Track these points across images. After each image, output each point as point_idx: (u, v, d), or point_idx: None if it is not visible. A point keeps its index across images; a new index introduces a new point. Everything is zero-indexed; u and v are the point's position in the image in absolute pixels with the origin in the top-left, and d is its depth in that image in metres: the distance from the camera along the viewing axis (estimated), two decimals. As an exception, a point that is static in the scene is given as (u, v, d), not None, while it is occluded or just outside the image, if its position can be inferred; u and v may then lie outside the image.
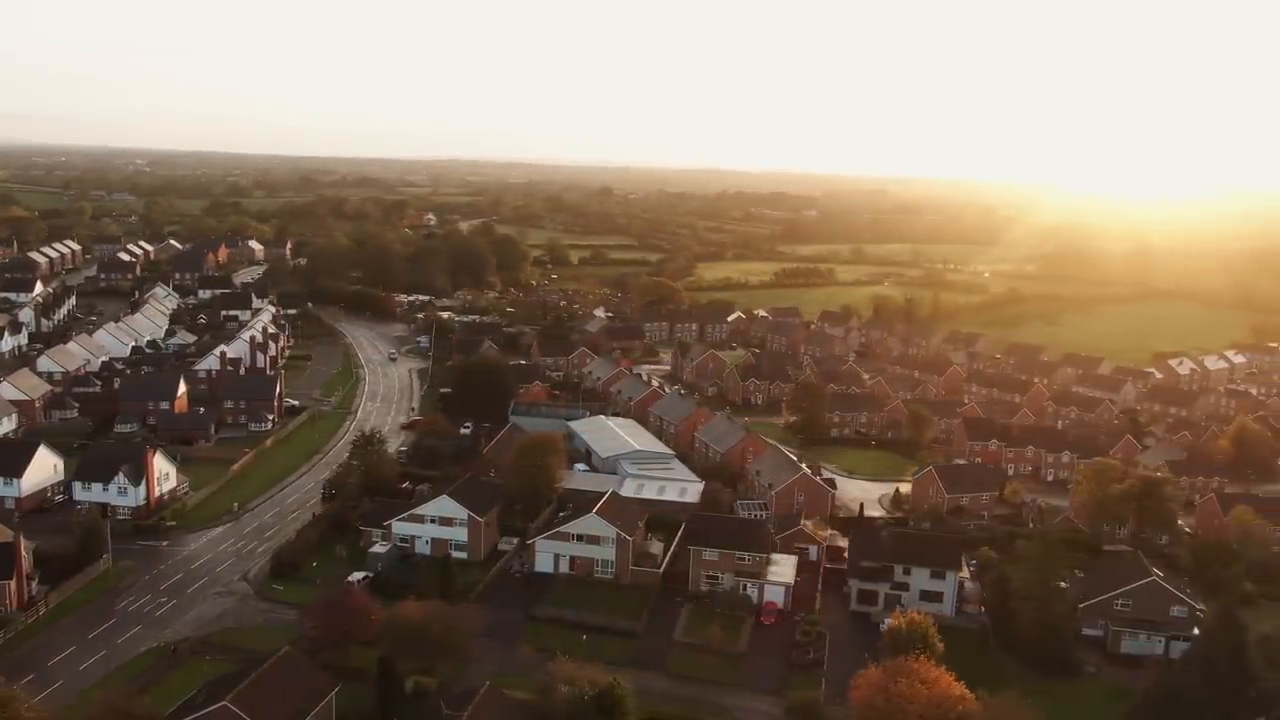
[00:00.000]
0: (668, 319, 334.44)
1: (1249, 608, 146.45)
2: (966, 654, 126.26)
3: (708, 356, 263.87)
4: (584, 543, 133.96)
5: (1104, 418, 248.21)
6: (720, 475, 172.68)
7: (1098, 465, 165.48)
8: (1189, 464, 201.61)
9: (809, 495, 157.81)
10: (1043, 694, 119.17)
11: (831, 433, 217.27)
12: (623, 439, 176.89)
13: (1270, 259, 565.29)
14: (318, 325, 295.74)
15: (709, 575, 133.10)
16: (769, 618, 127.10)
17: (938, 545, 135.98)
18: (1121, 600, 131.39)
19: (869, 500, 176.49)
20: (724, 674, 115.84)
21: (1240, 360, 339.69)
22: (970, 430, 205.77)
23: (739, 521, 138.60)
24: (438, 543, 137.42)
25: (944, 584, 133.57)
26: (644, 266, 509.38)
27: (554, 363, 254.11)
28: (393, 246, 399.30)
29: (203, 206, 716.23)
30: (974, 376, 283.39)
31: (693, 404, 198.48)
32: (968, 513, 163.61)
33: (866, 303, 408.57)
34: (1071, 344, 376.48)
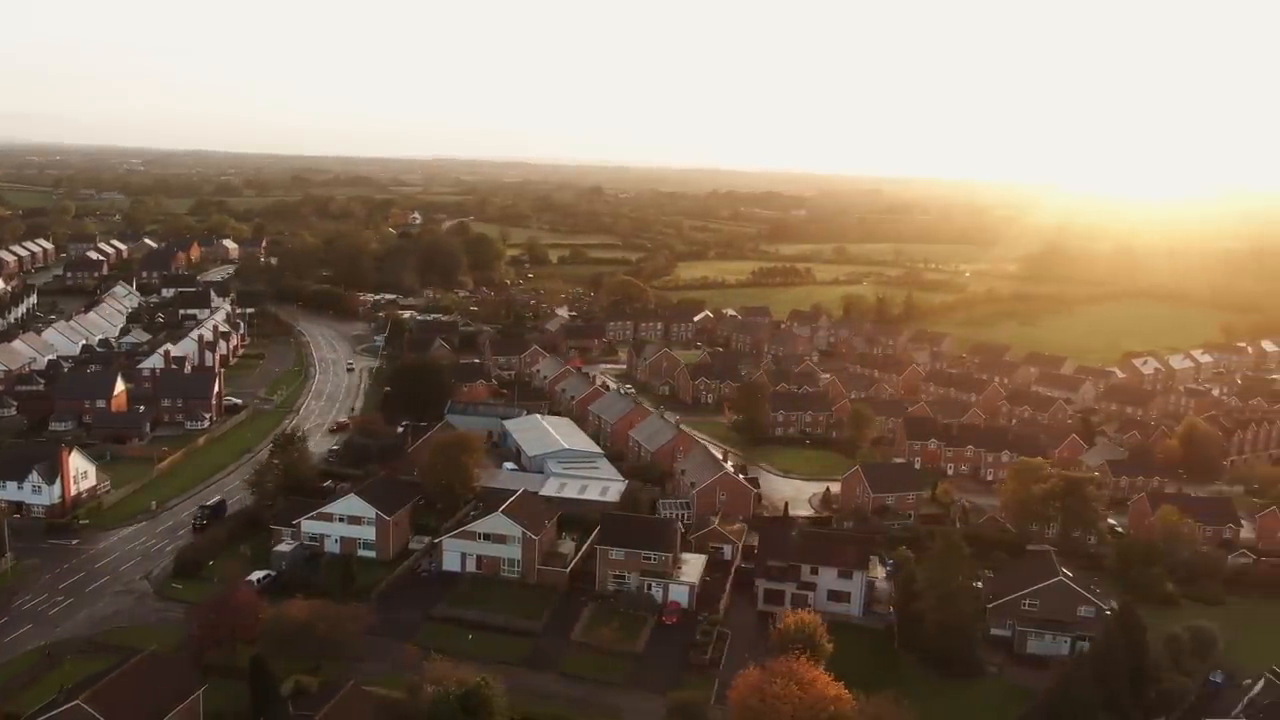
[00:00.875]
0: (632, 318, 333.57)
1: (1169, 608, 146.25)
2: (870, 654, 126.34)
3: (661, 355, 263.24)
4: (490, 542, 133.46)
5: (1057, 417, 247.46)
6: (649, 474, 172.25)
7: (1022, 465, 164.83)
8: (1129, 463, 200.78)
9: (731, 494, 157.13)
10: (940, 695, 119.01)
11: (776, 432, 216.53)
12: (552, 438, 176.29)
13: (1252, 259, 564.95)
14: (275, 324, 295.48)
15: (616, 575, 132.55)
16: (671, 617, 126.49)
17: (846, 545, 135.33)
18: (1029, 600, 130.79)
19: (800, 500, 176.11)
20: (617, 674, 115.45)
21: (1207, 360, 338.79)
22: (910, 430, 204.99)
23: (646, 521, 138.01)
24: (346, 541, 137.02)
25: (851, 584, 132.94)
26: (623, 265, 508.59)
27: (506, 361, 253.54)
28: (363, 246, 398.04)
29: (189, 205, 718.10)
30: (932, 376, 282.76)
31: (629, 403, 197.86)
32: (893, 512, 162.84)
33: (840, 302, 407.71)
34: (1043, 344, 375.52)
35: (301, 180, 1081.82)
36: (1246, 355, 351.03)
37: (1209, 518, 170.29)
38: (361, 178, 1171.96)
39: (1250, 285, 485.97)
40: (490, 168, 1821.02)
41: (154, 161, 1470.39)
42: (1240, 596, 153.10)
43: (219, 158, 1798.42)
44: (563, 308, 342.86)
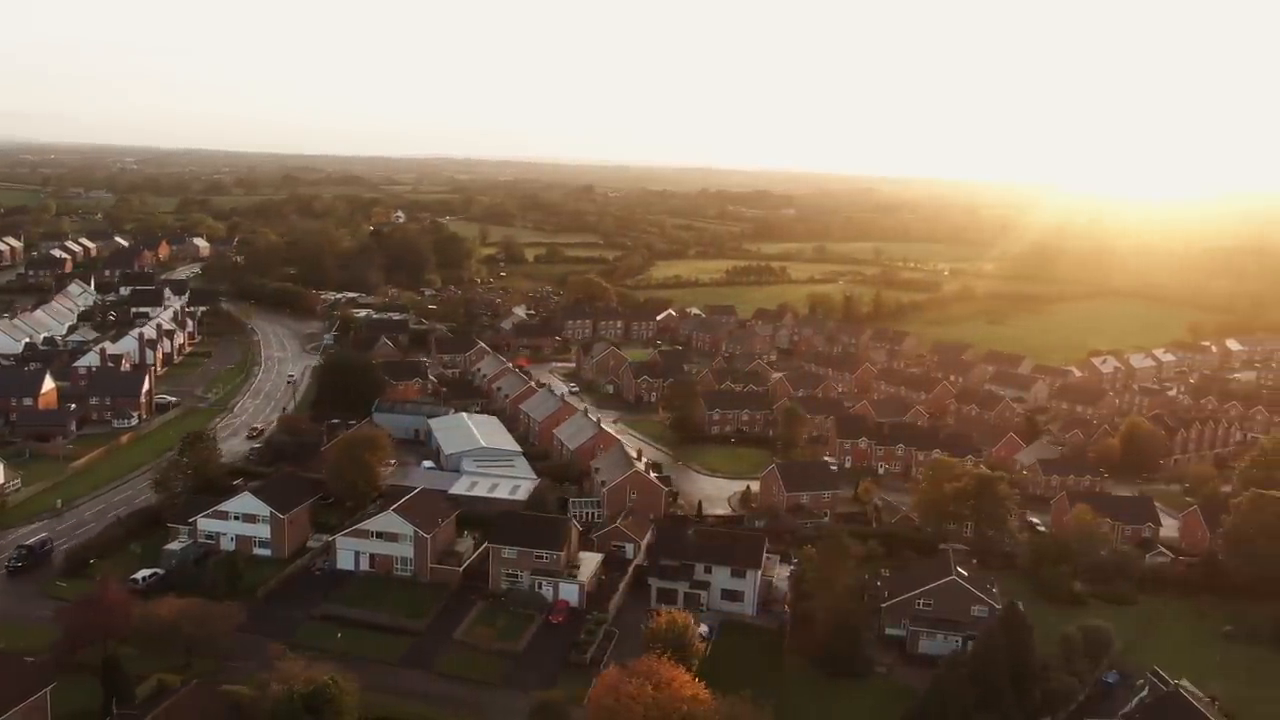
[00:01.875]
0: (591, 317, 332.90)
1: (1076, 607, 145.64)
2: (758, 654, 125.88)
3: (608, 354, 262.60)
4: (383, 540, 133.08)
5: (1004, 415, 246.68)
6: (568, 473, 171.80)
7: (935, 463, 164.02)
8: (1060, 462, 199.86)
9: (642, 493, 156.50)
10: (825, 694, 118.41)
11: (713, 430, 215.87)
12: (472, 437, 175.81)
13: (1230, 259, 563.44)
14: (228, 322, 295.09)
15: (509, 574, 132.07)
16: (558, 617, 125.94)
17: (740, 544, 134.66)
18: (923, 599, 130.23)
19: (721, 498, 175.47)
20: (494, 673, 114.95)
21: (1170, 359, 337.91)
22: (841, 428, 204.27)
23: (539, 519, 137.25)
24: (242, 540, 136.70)
25: (744, 583, 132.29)
26: (599, 264, 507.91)
27: (450, 360, 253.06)
28: (327, 245, 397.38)
29: (174, 204, 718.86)
30: (884, 374, 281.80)
31: (557, 402, 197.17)
32: (807, 511, 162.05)
33: (810, 301, 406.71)
34: (1010, 342, 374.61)
35: (292, 179, 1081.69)
36: (1210, 354, 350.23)
37: (1129, 517, 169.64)
38: (354, 177, 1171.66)
39: (1225, 285, 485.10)
40: (486, 167, 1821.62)
41: (150, 160, 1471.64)
42: (1153, 596, 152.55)
43: (216, 157, 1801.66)
44: (520, 306, 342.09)
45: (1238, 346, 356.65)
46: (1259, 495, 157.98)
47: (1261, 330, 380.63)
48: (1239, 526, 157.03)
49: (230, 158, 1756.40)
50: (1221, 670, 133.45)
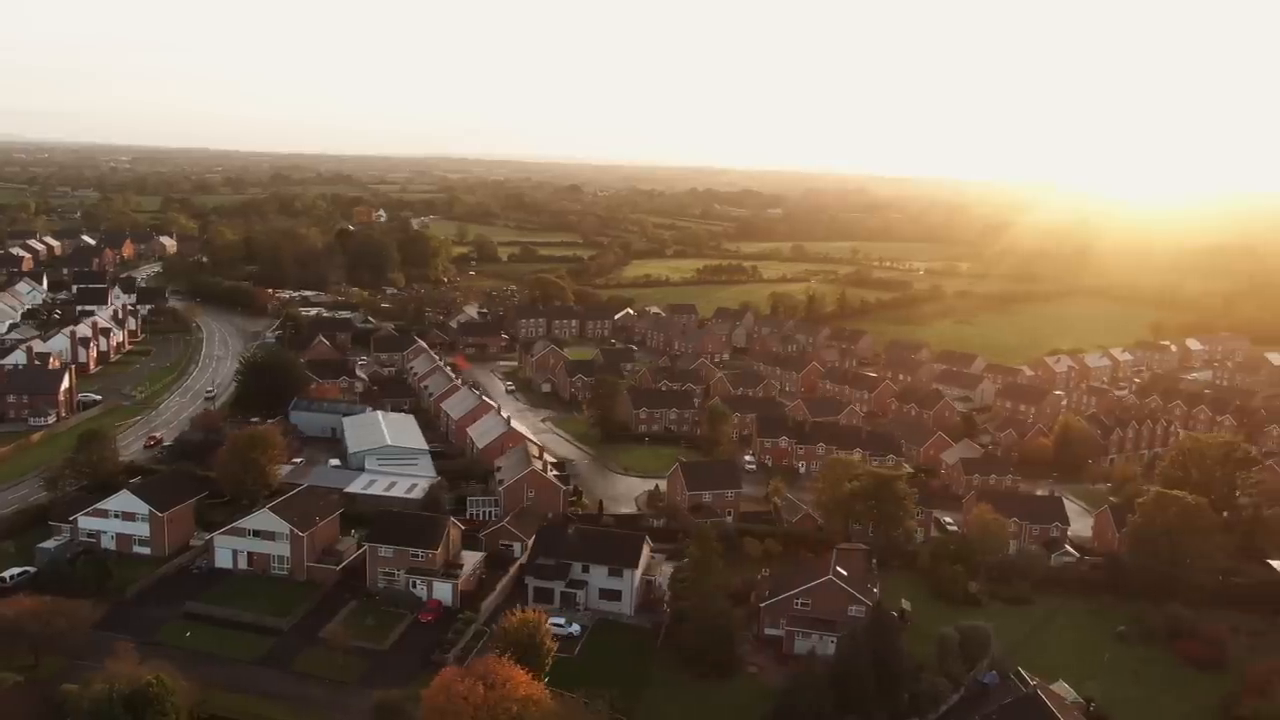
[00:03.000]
0: (546, 316, 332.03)
1: (971, 608, 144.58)
2: (630, 653, 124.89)
3: (548, 353, 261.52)
4: (260, 538, 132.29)
5: (944, 415, 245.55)
6: (473, 471, 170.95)
7: (833, 462, 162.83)
8: (982, 462, 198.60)
9: (540, 491, 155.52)
10: (690, 694, 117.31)
11: (640, 429, 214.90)
12: (381, 435, 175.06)
13: (1210, 258, 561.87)
14: (174, 320, 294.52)
15: (385, 572, 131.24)
16: (428, 615, 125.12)
17: (617, 543, 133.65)
18: (801, 599, 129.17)
19: (629, 497, 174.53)
20: (352, 673, 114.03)
21: (1127, 358, 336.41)
22: (762, 427, 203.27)
23: (416, 518, 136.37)
24: (122, 538, 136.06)
25: (622, 582, 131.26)
26: (571, 263, 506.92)
27: (388, 358, 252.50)
28: (287, 244, 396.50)
29: (158, 203, 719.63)
30: (830, 373, 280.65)
31: (475, 400, 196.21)
32: (709, 510, 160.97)
33: (772, 300, 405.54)
34: (974, 341, 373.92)
35: (281, 177, 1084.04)
36: (1170, 354, 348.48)
37: (1036, 516, 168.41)
38: (344, 176, 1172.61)
39: (1197, 284, 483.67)
40: (481, 166, 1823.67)
41: (147, 159, 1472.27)
42: (1054, 596, 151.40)
43: (213, 155, 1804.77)
44: (472, 305, 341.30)
45: (1198, 346, 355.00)
46: (1162, 495, 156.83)
47: (1225, 330, 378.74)
48: (1142, 527, 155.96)
49: (227, 156, 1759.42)
50: (1108, 671, 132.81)
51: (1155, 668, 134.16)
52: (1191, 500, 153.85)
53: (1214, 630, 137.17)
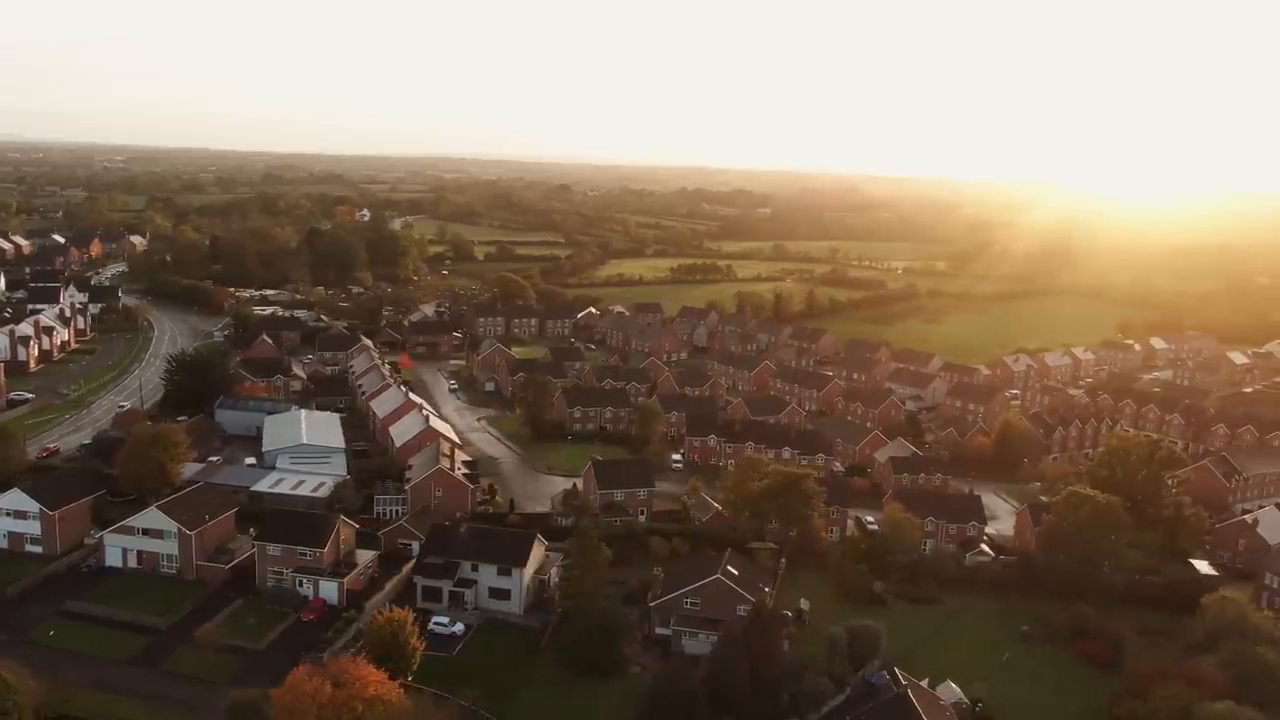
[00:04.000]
0: (504, 315, 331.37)
1: (875, 607, 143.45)
2: (514, 653, 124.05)
3: (493, 352, 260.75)
4: (149, 537, 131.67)
5: (889, 414, 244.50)
6: (390, 469, 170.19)
7: (744, 461, 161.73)
8: (912, 461, 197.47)
9: (447, 490, 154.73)
10: (565, 694, 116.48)
11: (575, 428, 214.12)
12: (298, 433, 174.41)
13: (1189, 258, 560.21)
14: (126, 319, 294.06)
15: (274, 571, 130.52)
16: (310, 614, 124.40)
17: (507, 542, 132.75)
18: (690, 598, 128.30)
19: (547, 496, 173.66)
20: (223, 672, 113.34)
21: (1089, 357, 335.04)
22: (691, 426, 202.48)
23: (304, 517, 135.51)
24: (14, 536, 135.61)
25: (511, 581, 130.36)
26: (546, 262, 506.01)
27: (331, 356, 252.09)
28: (250, 244, 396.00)
29: (144, 202, 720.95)
30: (782, 372, 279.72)
31: (401, 398, 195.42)
32: (620, 508, 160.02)
33: (738, 299, 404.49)
34: (942, 339, 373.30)
35: (274, 177, 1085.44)
36: (1134, 353, 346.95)
37: (954, 516, 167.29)
38: (336, 175, 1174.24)
39: (1170, 284, 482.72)
40: (477, 165, 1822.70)
41: (142, 159, 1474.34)
42: (965, 596, 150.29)
43: (209, 155, 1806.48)
44: (430, 304, 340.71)
45: (1162, 345, 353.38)
46: (1074, 494, 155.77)
47: (1191, 329, 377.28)
48: (1055, 526, 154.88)
49: (226, 156, 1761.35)
50: (1005, 670, 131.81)
51: (1054, 668, 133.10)
52: (1102, 500, 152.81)
53: (1115, 630, 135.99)
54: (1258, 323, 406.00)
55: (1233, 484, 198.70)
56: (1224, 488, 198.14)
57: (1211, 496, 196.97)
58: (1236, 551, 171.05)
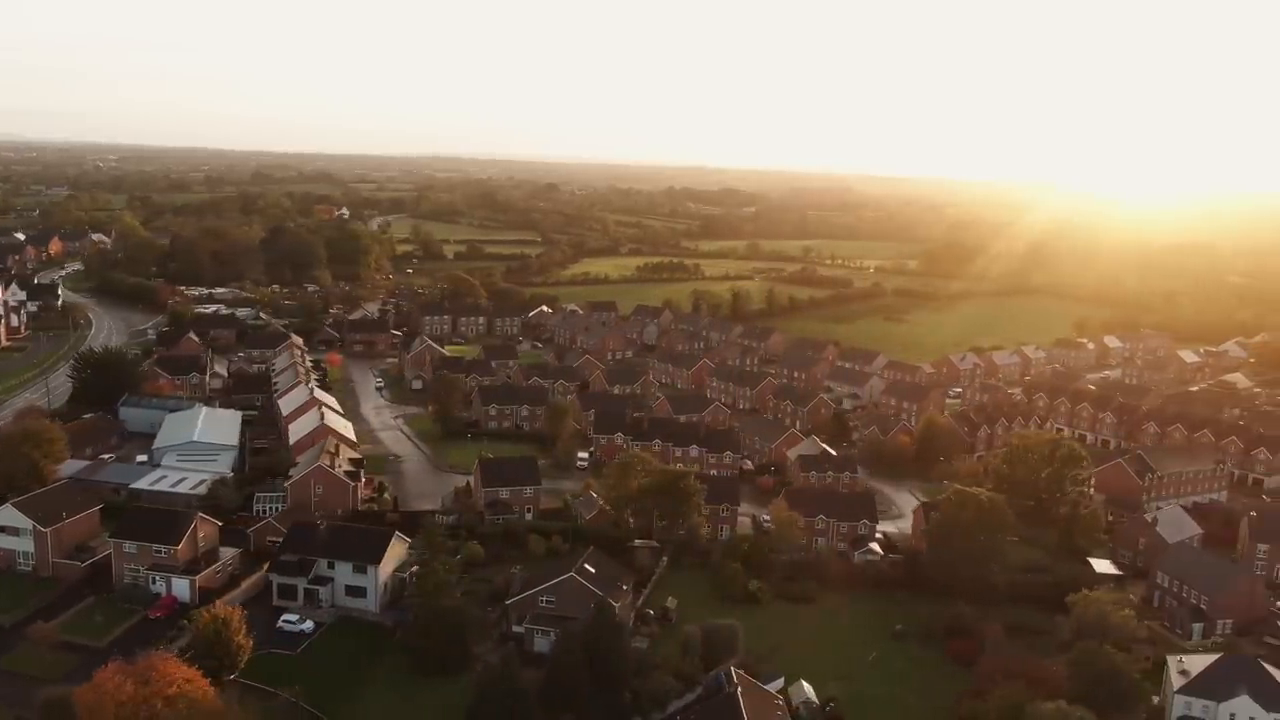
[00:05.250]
0: (451, 313, 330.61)
1: (749, 606, 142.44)
2: (363, 651, 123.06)
3: (424, 350, 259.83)
4: (4, 534, 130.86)
5: (819, 412, 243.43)
6: (280, 467, 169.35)
7: (626, 458, 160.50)
8: (820, 459, 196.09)
9: (327, 488, 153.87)
10: (406, 693, 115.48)
11: (490, 425, 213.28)
12: (190, 431, 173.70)
13: (1166, 257, 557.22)
14: (63, 316, 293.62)
15: (131, 568, 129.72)
16: (158, 612, 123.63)
17: (364, 539, 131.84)
18: (545, 597, 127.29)
19: (441, 494, 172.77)
20: (57, 670, 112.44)
21: (1040, 355, 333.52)
22: (598, 424, 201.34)
23: (160, 514, 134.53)
24: None
25: (366, 578, 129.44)
26: (512, 260, 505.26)
27: (259, 355, 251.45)
28: (203, 242, 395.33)
29: (125, 201, 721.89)
30: (719, 370, 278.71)
31: (306, 395, 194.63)
32: (504, 506, 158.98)
33: (694, 297, 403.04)
34: (897, 337, 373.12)
35: (263, 176, 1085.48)
36: (1087, 350, 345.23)
37: (846, 514, 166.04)
38: (325, 174, 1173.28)
39: (1142, 283, 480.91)
40: (475, 165, 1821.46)
41: (134, 158, 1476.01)
42: (845, 594, 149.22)
43: (211, 154, 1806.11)
44: (372, 302, 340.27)
45: (1117, 343, 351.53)
46: (960, 493, 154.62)
47: (1150, 327, 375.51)
48: (940, 525, 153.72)
49: (224, 156, 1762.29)
50: (870, 669, 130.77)
51: (922, 667, 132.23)
52: (985, 498, 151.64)
53: (985, 629, 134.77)
54: (1223, 321, 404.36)
55: (1146, 482, 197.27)
56: (1137, 486, 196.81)
57: (1125, 495, 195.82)
58: (1137, 550, 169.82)
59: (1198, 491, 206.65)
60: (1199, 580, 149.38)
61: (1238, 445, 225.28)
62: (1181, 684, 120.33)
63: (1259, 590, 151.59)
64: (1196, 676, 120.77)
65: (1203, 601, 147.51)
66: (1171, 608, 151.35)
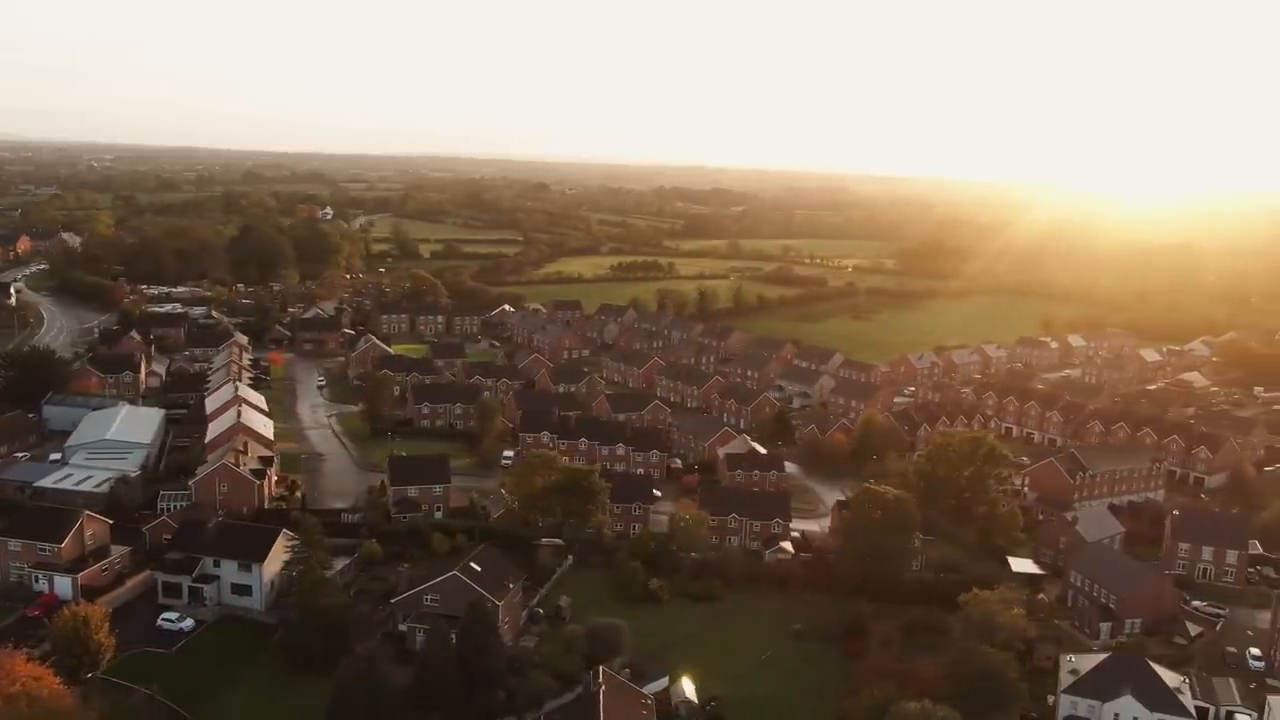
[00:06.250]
0: (410, 312, 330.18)
1: (649, 605, 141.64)
2: (242, 650, 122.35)
3: (369, 348, 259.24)
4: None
5: (763, 410, 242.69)
6: (191, 465, 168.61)
7: (532, 456, 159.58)
8: (748, 458, 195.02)
9: (232, 485, 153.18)
10: (276, 693, 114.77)
11: (423, 424, 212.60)
12: (106, 429, 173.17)
13: (1148, 257, 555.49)
14: (11, 315, 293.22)
15: (16, 566, 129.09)
16: (37, 610, 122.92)
17: (249, 537, 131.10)
18: (430, 595, 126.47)
19: (356, 492, 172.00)
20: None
21: (1001, 354, 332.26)
22: (524, 422, 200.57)
23: (46, 512, 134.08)
24: None
25: (251, 576, 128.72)
26: (486, 260, 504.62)
27: (202, 353, 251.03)
28: (166, 240, 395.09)
29: (110, 200, 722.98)
30: (669, 369, 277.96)
31: (231, 394, 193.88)
32: (412, 504, 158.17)
33: (659, 296, 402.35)
34: (862, 336, 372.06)
35: (253, 175, 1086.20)
36: (1050, 349, 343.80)
37: (759, 513, 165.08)
38: (316, 174, 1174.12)
39: (1115, 282, 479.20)
40: (472, 165, 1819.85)
41: (129, 157, 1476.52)
42: (751, 593, 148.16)
43: (210, 154, 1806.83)
44: (328, 301, 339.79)
45: (1081, 342, 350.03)
46: (868, 491, 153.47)
47: (1115, 326, 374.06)
48: (848, 523, 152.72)
49: (220, 155, 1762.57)
50: (761, 669, 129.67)
51: (815, 666, 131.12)
52: (893, 497, 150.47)
53: (879, 629, 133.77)
54: (1196, 320, 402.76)
55: (1077, 481, 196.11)
56: (1069, 485, 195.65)
57: (1057, 494, 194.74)
58: (1058, 550, 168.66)
59: (1133, 490, 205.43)
60: (1109, 579, 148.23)
61: (1179, 444, 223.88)
62: (1069, 683, 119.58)
63: (1168, 589, 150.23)
64: (1083, 676, 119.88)
65: (1112, 601, 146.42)
66: (1082, 607, 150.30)
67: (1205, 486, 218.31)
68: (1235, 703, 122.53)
